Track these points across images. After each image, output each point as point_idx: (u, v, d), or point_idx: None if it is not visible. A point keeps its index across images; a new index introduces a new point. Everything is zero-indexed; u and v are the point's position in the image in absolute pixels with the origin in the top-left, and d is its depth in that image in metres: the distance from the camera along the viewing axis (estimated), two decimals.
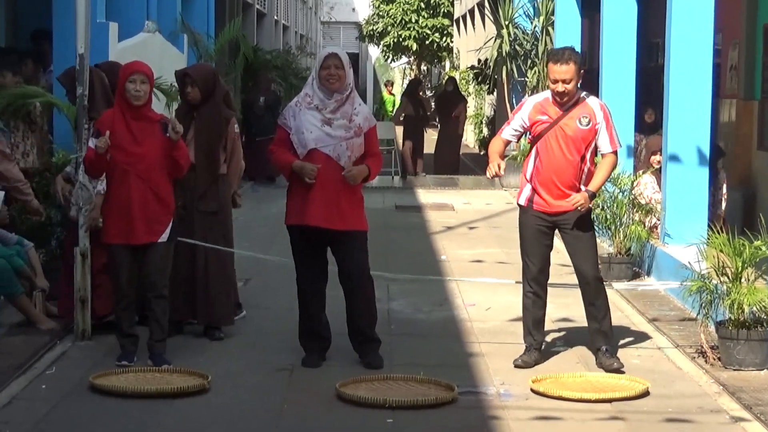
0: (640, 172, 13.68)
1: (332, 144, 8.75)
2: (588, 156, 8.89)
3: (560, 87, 8.79)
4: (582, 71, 8.90)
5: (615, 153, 8.96)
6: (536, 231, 9.00)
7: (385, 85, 29.04)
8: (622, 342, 9.77)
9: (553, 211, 8.91)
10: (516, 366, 8.91)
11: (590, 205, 8.98)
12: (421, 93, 26.55)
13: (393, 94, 27.62)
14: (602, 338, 9.01)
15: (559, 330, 10.16)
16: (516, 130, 9.06)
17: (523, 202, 9.07)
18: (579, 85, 8.92)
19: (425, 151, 25.58)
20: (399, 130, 26.42)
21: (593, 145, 8.89)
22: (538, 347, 9.11)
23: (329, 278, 9.08)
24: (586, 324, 9.24)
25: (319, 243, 8.90)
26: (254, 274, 12.27)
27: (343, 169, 8.74)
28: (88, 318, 9.50)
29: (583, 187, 8.85)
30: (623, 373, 8.75)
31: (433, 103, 28.47)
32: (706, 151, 12.39)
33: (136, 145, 8.76)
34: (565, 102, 8.86)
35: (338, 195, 8.75)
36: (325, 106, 8.80)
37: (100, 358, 9.08)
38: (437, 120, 25.23)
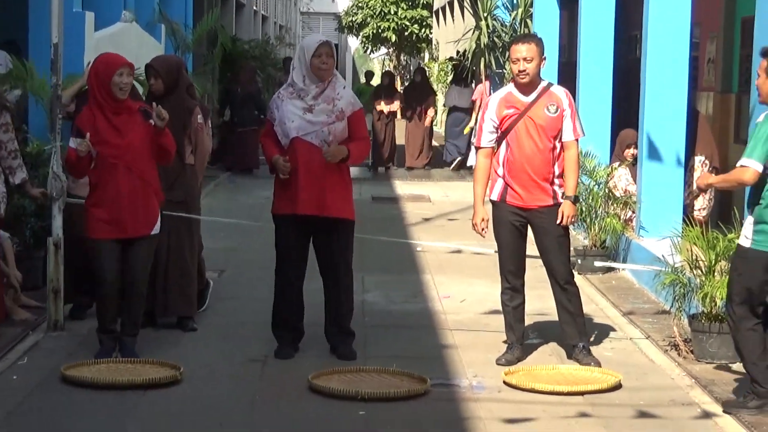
0: (615, 164, 13.70)
1: (314, 131, 8.74)
2: (558, 144, 8.83)
3: (522, 65, 8.67)
4: (543, 58, 8.83)
5: (576, 141, 8.90)
6: (511, 227, 8.92)
7: (366, 76, 28.69)
8: (595, 334, 9.79)
9: (528, 206, 8.84)
10: (498, 364, 8.87)
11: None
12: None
13: (371, 85, 27.54)
14: (577, 335, 8.98)
15: (533, 323, 10.17)
16: (492, 133, 8.91)
17: (495, 197, 8.93)
18: (545, 77, 8.89)
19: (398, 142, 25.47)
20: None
21: (560, 132, 8.84)
22: (520, 343, 9.07)
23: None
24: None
25: (304, 232, 8.90)
26: (228, 267, 12.27)
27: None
28: (60, 308, 9.49)
29: (557, 181, 8.81)
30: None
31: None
32: (682, 144, 12.42)
33: (120, 137, 8.67)
34: (529, 87, 8.77)
35: (325, 182, 8.74)
36: (308, 92, 8.78)
37: (73, 348, 9.06)
38: (407, 112, 24.84)
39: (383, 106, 24.56)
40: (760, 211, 7.57)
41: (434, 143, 26.39)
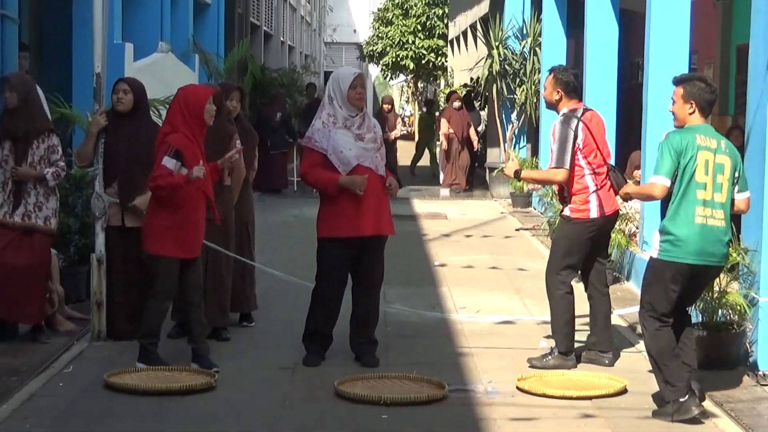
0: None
1: (369, 156, 8.83)
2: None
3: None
4: (568, 93, 9.08)
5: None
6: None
7: (426, 105, 27.95)
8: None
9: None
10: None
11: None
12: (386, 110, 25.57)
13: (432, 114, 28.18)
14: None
15: (543, 330, 10.15)
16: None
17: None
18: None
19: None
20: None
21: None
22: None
23: None
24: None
25: (351, 251, 8.90)
26: (259, 280, 12.25)
27: (381, 177, 8.86)
28: (103, 320, 9.51)
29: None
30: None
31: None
32: None
33: (205, 164, 8.67)
34: None
35: (382, 203, 8.91)
36: (353, 123, 8.83)
37: (115, 357, 9.08)
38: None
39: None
40: (665, 223, 7.62)
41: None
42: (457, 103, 24.14)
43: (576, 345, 9.11)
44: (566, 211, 8.96)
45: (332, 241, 8.87)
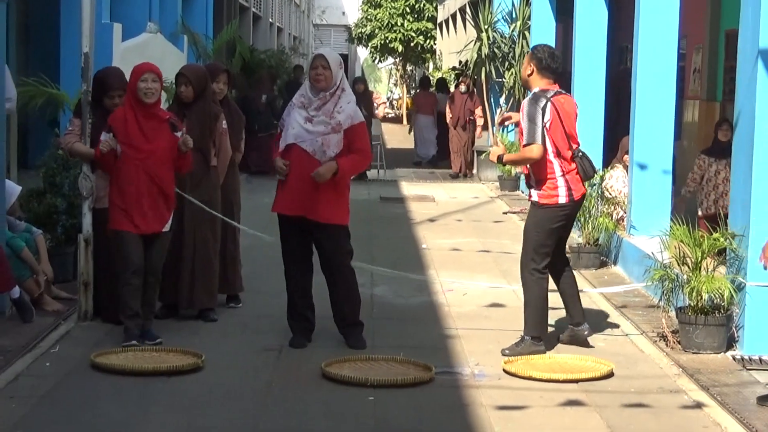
0: (608, 168, 13.74)
1: (309, 139, 8.76)
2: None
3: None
4: (543, 72, 9.04)
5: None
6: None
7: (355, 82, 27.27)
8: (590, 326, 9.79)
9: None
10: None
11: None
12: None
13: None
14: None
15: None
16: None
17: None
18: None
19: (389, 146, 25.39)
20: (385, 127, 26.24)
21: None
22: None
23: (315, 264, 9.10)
24: (554, 310, 9.29)
25: (300, 230, 8.90)
26: (245, 262, 12.24)
27: (319, 163, 8.74)
28: (90, 300, 9.49)
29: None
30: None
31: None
32: (670, 149, 12.42)
33: (146, 142, 8.78)
34: None
35: (315, 188, 8.73)
36: (311, 103, 8.82)
37: (101, 337, 9.07)
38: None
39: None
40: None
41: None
42: (462, 87, 23.84)
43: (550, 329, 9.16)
44: (535, 197, 8.93)
45: (279, 218, 8.98)
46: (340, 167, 8.73)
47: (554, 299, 9.17)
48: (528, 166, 8.93)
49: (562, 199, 8.83)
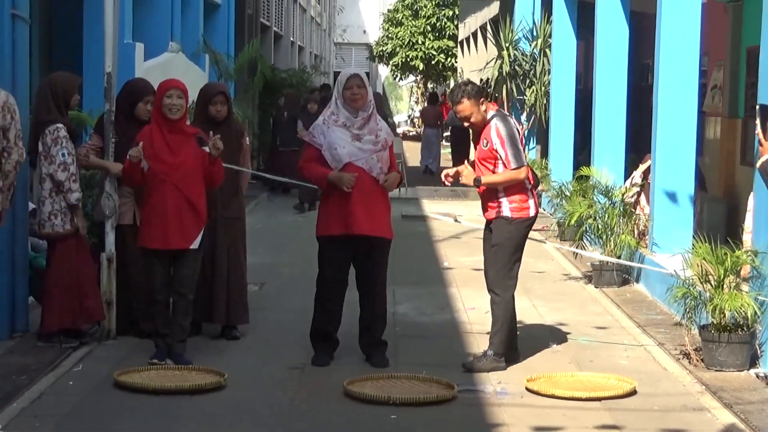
0: (628, 184, 13.76)
1: (364, 157, 8.83)
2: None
3: (466, 123, 9.00)
4: (482, 100, 8.90)
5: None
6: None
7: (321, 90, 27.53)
8: (612, 344, 9.78)
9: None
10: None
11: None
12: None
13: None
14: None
15: (552, 332, 10.17)
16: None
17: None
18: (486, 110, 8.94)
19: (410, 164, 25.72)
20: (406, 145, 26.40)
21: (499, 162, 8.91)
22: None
23: None
24: (577, 327, 9.26)
25: (349, 251, 8.92)
26: (269, 279, 12.30)
27: (375, 179, 8.82)
28: (113, 319, 9.51)
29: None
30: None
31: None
32: (692, 165, 12.39)
33: (172, 156, 8.81)
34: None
35: (375, 204, 8.84)
36: (353, 123, 8.86)
37: (124, 356, 9.09)
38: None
39: None
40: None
41: None
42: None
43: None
44: (506, 212, 8.94)
45: (327, 239, 8.92)
46: (400, 178, 9.08)
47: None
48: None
49: (532, 211, 8.99)
